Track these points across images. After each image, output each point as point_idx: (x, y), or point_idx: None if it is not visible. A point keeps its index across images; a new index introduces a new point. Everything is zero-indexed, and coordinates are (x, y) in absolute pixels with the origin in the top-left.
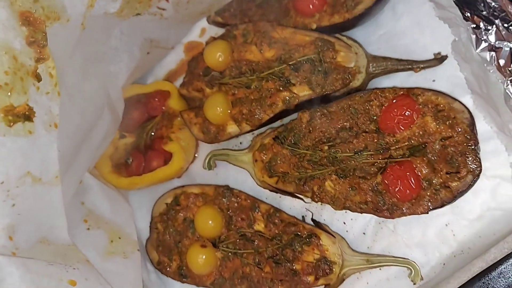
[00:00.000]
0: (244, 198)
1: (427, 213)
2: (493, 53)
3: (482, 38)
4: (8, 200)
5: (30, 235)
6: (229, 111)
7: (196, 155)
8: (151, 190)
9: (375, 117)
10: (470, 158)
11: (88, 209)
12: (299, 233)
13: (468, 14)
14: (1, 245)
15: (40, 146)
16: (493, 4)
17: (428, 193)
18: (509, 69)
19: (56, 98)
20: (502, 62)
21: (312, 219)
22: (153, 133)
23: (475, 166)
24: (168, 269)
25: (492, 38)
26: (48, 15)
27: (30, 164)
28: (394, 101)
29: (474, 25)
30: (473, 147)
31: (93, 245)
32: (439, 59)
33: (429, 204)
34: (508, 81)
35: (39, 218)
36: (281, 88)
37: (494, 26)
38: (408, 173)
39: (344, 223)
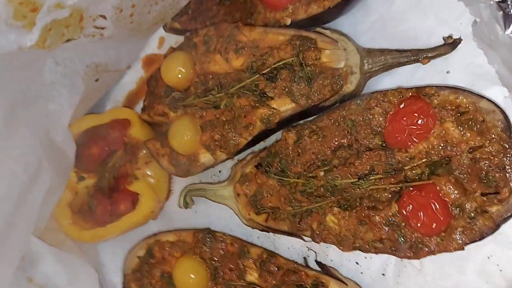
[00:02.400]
0: (230, 242)
1: (463, 249)
2: None
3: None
4: None
5: None
6: (198, 138)
7: (171, 190)
8: (124, 237)
9: (379, 129)
10: None
11: (39, 286)
12: (302, 283)
13: None
14: None
15: None
16: None
17: (462, 223)
18: None
19: None
20: None
21: (316, 261)
22: (116, 171)
23: None
24: None
25: None
26: None
27: None
28: (401, 106)
29: None
30: None
31: None
32: (451, 43)
33: (463, 238)
34: None
35: None
36: (257, 104)
37: None
38: (431, 200)
39: (357, 263)
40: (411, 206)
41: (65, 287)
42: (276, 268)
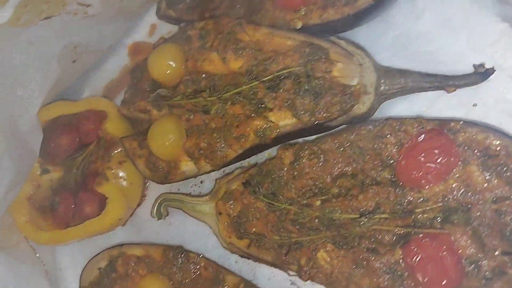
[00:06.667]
0: (204, 265)
1: None
2: None
3: None
4: None
5: None
6: (181, 143)
7: (145, 195)
8: (86, 241)
9: (390, 162)
10: None
11: None
12: None
13: None
14: None
15: None
16: None
17: (475, 283)
18: None
19: None
20: None
21: None
22: (85, 167)
23: None
24: None
25: None
26: None
27: None
28: (420, 139)
29: None
30: None
31: None
32: (483, 73)
33: None
34: None
35: None
36: (253, 115)
37: None
38: (443, 252)
39: None
40: (418, 255)
41: None
42: None
